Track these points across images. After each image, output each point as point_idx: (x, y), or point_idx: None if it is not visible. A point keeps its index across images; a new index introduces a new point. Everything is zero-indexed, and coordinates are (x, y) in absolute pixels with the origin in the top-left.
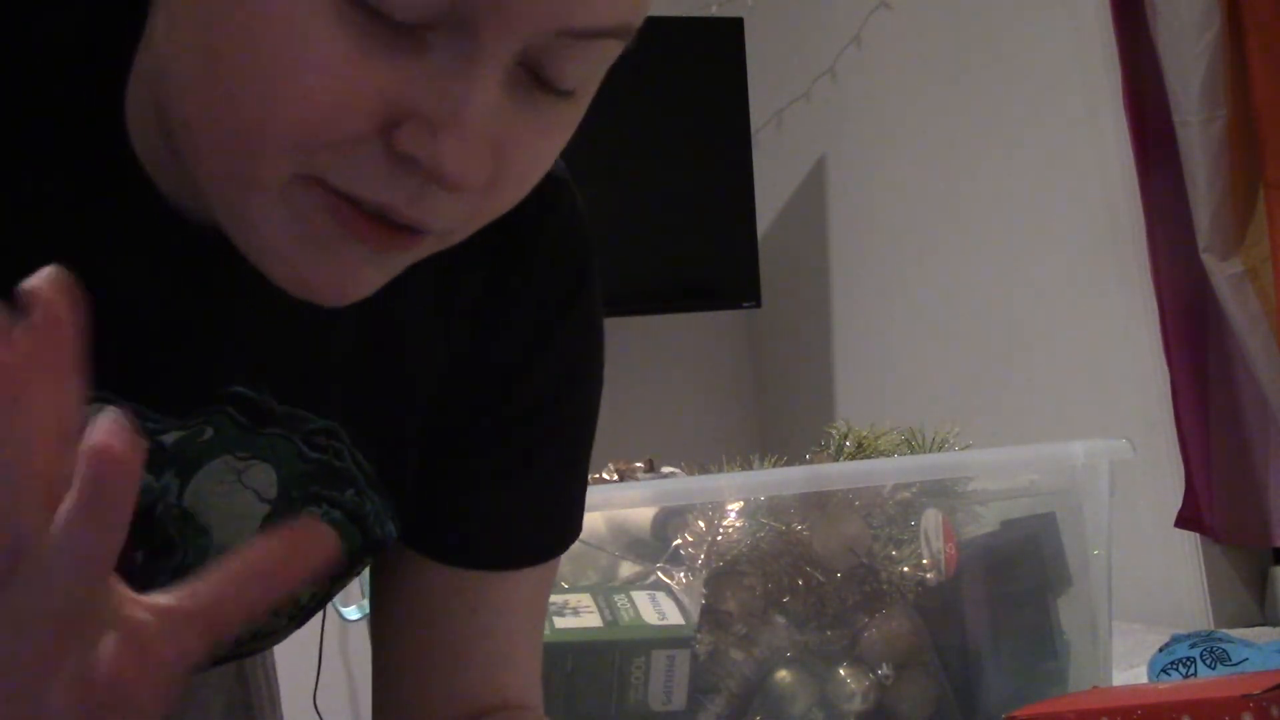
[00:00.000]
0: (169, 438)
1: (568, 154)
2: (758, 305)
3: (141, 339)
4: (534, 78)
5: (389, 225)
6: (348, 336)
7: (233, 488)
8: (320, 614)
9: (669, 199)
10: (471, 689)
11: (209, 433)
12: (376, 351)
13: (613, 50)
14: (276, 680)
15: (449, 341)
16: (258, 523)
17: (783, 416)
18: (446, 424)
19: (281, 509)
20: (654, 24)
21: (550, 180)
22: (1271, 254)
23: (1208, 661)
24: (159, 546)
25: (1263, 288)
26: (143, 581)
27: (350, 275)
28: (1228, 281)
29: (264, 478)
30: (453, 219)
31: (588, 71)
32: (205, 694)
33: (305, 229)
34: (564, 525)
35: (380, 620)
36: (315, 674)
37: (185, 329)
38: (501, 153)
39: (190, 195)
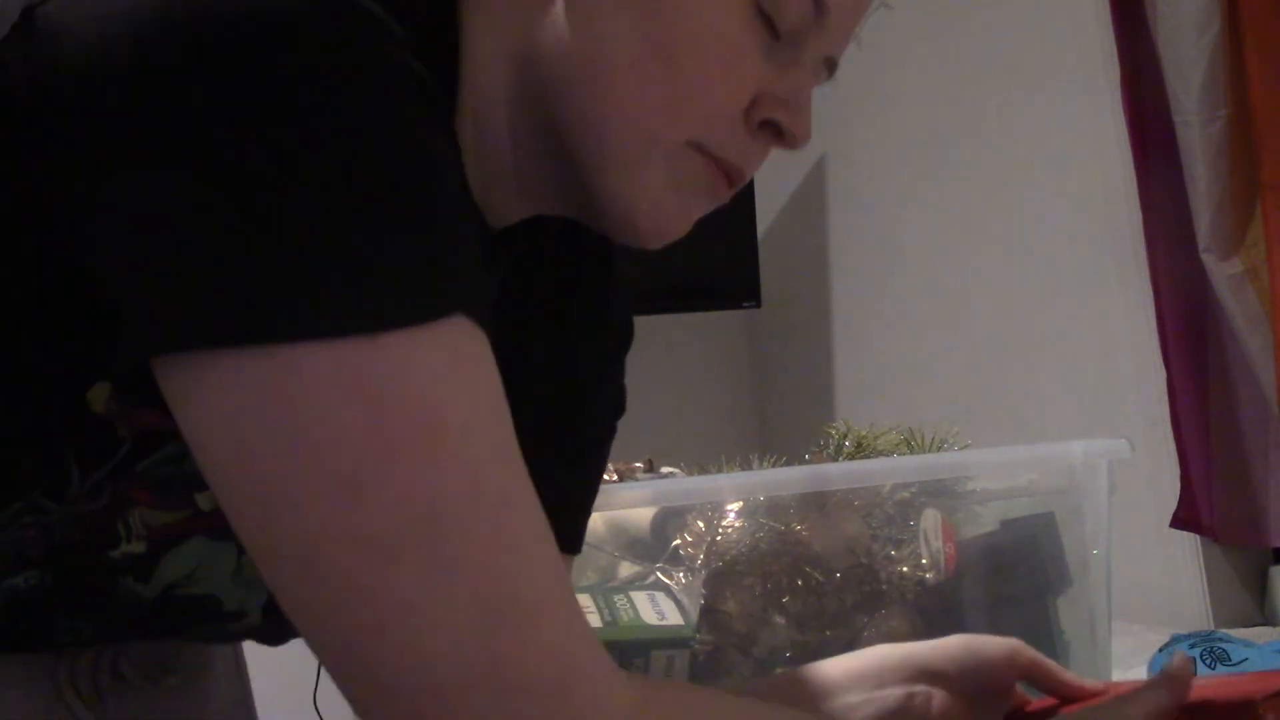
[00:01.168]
0: None
1: None
2: (758, 305)
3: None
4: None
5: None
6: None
7: None
8: None
9: None
10: None
11: None
12: (512, 323)
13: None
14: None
15: (570, 325)
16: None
17: (782, 416)
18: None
19: None
20: None
21: None
22: (1268, 255)
23: (1208, 661)
24: None
25: (1263, 288)
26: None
27: (689, 219)
28: (1227, 281)
29: None
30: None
31: None
32: (214, 687)
33: (683, 181)
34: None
35: None
36: (315, 674)
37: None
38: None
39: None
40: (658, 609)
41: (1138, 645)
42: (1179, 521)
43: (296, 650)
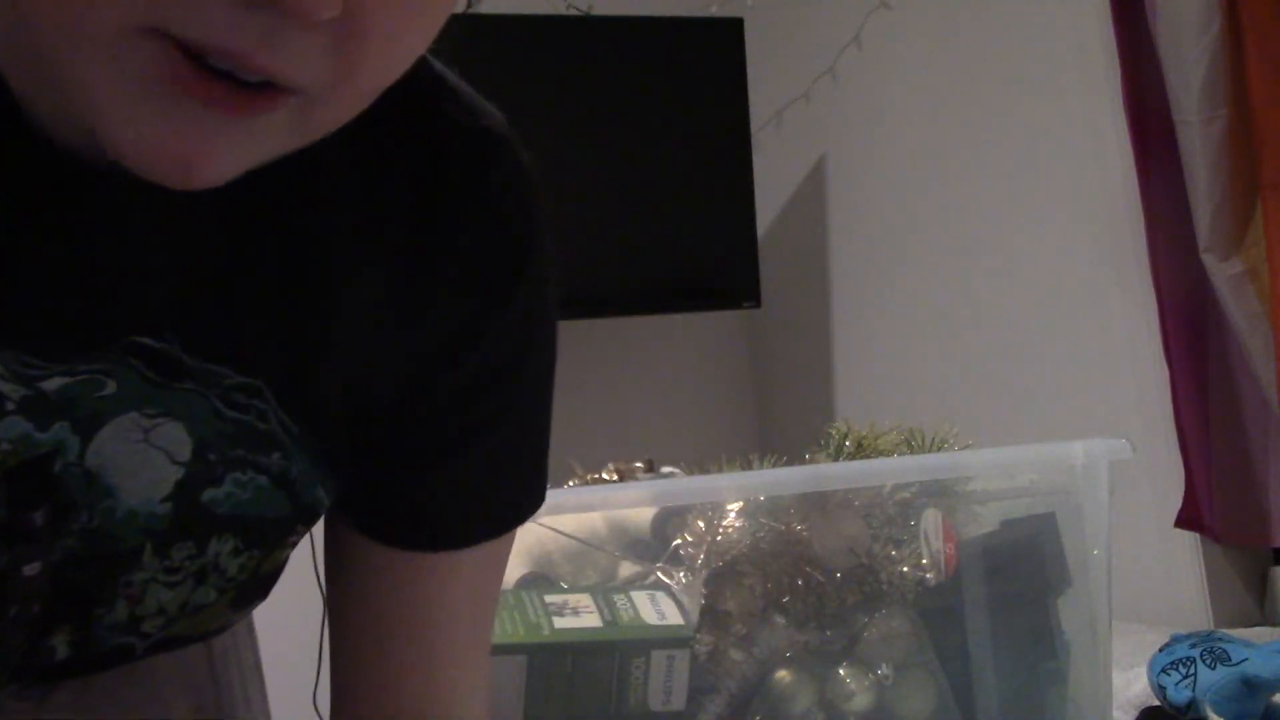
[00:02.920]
0: (51, 384)
1: (568, 152)
2: (758, 305)
3: (18, 281)
4: None
5: (239, 84)
6: (268, 285)
7: (139, 447)
8: (320, 614)
9: (669, 199)
10: (410, 701)
11: (110, 386)
12: (301, 304)
13: None
14: (260, 680)
15: (380, 301)
16: (170, 486)
17: (783, 416)
18: (380, 393)
19: (197, 472)
20: (654, 24)
21: (486, 136)
22: (1269, 255)
23: (1208, 661)
24: (61, 507)
25: (1263, 288)
26: (45, 544)
27: (198, 147)
28: (1228, 281)
29: (175, 437)
30: (314, 72)
31: None
32: (169, 691)
33: (139, 88)
34: (511, 505)
35: (331, 607)
36: (315, 674)
37: (74, 271)
38: (364, 6)
39: (75, 129)
40: (658, 609)
41: (1138, 645)
42: (1181, 521)
43: (297, 650)
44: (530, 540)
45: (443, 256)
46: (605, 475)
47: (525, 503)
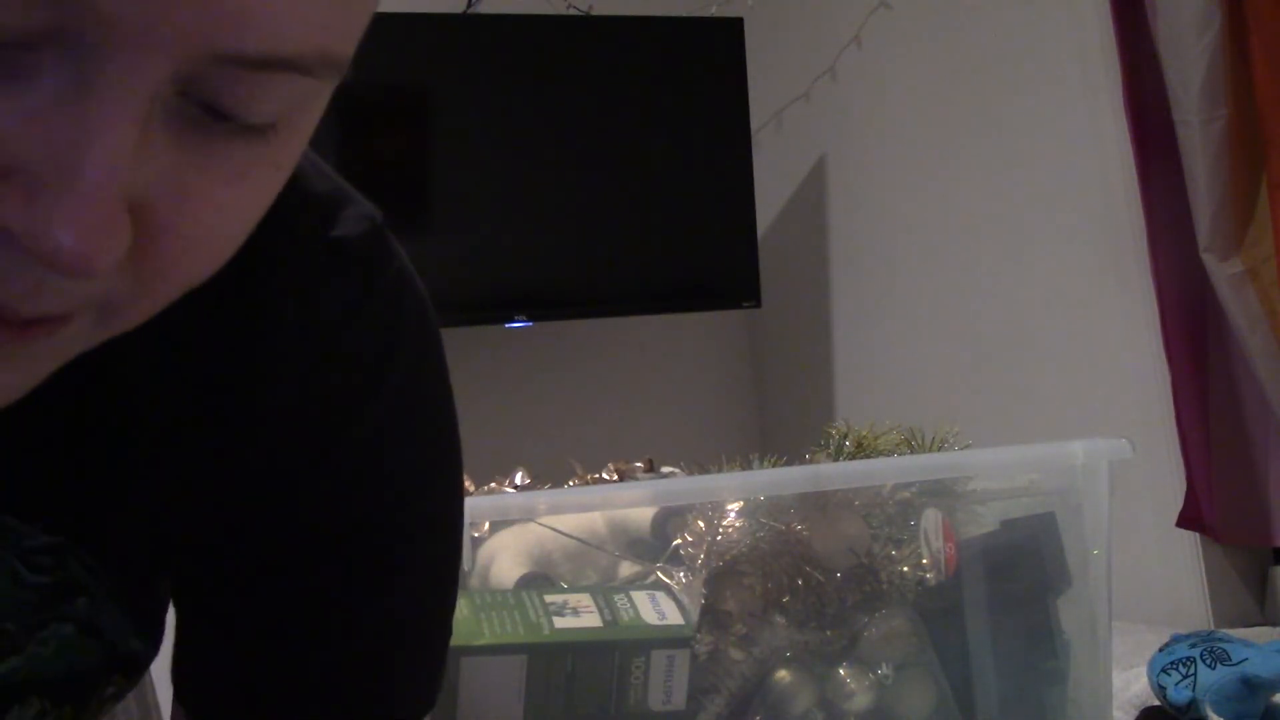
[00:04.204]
0: None
1: (568, 152)
2: (758, 305)
3: None
4: (205, 109)
5: (9, 319)
6: (63, 430)
7: None
8: None
9: (669, 199)
10: None
11: None
12: (101, 450)
13: (308, 86)
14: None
15: (193, 442)
16: None
17: (783, 416)
18: (205, 552)
19: None
20: (654, 24)
21: (334, 250)
22: (1277, 253)
23: (1208, 661)
24: None
25: (1263, 288)
26: None
27: None
28: (1228, 281)
29: None
30: (104, 293)
31: (281, 106)
32: None
33: None
34: (378, 703)
35: None
36: None
37: None
38: (156, 212)
39: None
40: (658, 609)
41: (1138, 645)
42: (1181, 521)
43: None
44: (530, 540)
45: (268, 393)
46: (605, 475)
47: (407, 703)
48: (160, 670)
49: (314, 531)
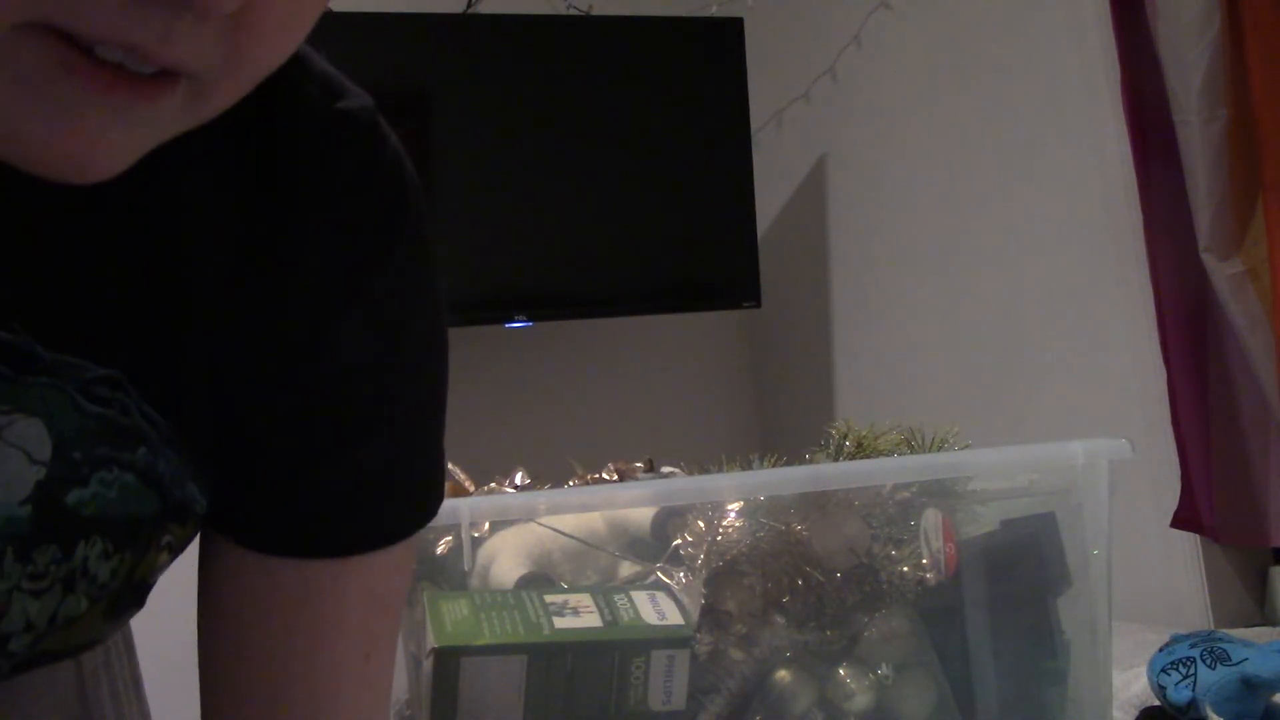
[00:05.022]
0: None
1: (568, 152)
2: (758, 305)
3: None
4: None
5: (131, 74)
6: (123, 270)
7: None
8: None
9: (669, 199)
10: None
11: None
12: (157, 291)
13: None
14: (141, 698)
15: (238, 288)
16: (30, 487)
17: (783, 416)
18: (245, 386)
19: (60, 472)
20: (654, 24)
21: (342, 118)
22: (1270, 255)
23: (1208, 661)
24: None
25: (1263, 288)
26: None
27: (93, 141)
28: (1228, 281)
29: (33, 434)
30: (207, 59)
31: None
32: (38, 710)
33: (32, 88)
34: (397, 513)
35: (201, 630)
36: None
37: None
38: None
39: None
40: (658, 609)
41: (1138, 645)
42: (1179, 521)
43: (188, 665)
44: (530, 540)
45: (297, 245)
46: (605, 475)
47: (415, 512)
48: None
49: (343, 371)
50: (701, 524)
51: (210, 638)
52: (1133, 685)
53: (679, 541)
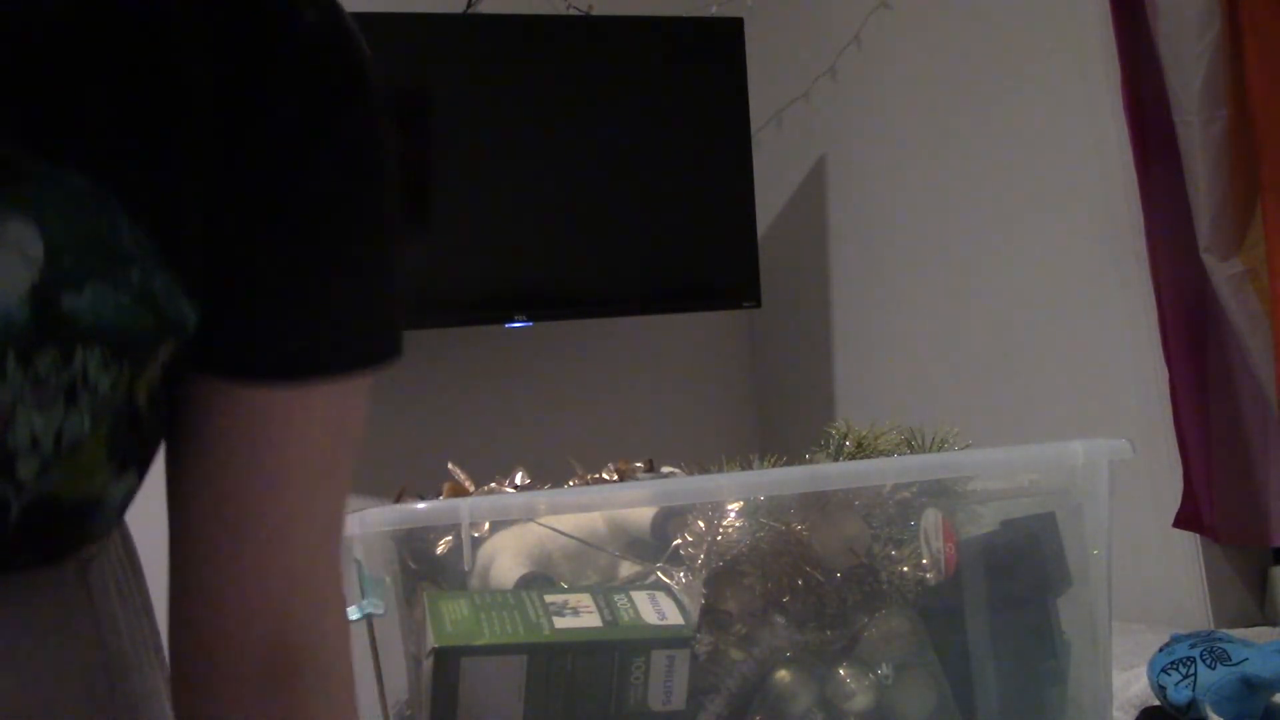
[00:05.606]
0: None
1: (568, 152)
2: (758, 305)
3: None
4: None
5: None
6: (111, 80)
7: None
8: None
9: (669, 199)
10: (252, 603)
11: None
12: (144, 101)
13: None
14: (152, 624)
15: (219, 105)
16: (26, 286)
17: (783, 416)
18: (222, 206)
19: (55, 275)
20: (654, 24)
21: None
22: (1269, 256)
23: (1208, 661)
24: None
25: (1263, 288)
26: None
27: None
28: (1228, 281)
29: (26, 234)
30: None
31: None
32: (41, 611)
33: None
34: (354, 340)
35: (170, 475)
36: None
37: None
38: None
39: None
40: (658, 609)
41: (1138, 645)
42: (1181, 521)
43: None
44: (530, 540)
45: (272, 80)
46: (605, 475)
47: (375, 347)
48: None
49: (312, 201)
50: (701, 524)
51: (179, 474)
52: (1133, 685)
53: (679, 541)
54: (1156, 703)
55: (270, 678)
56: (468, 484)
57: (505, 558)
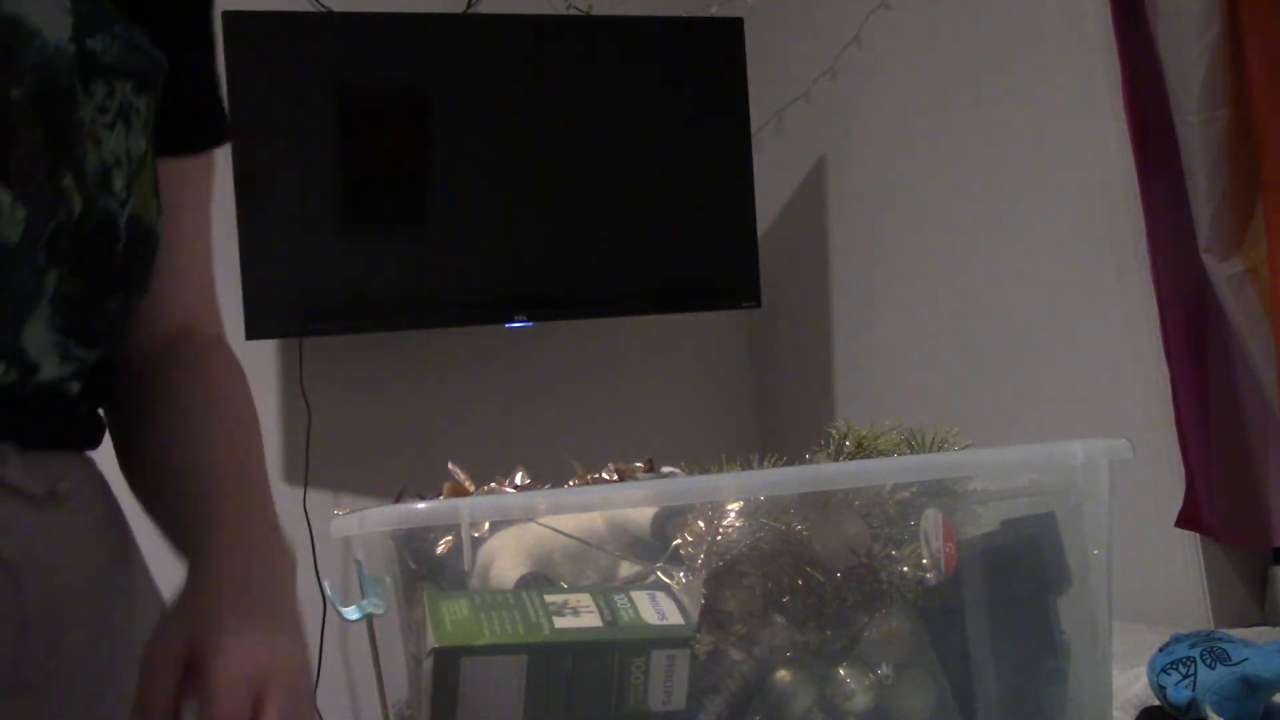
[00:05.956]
0: None
1: (568, 152)
2: (758, 305)
3: None
4: None
5: None
6: None
7: None
8: (320, 613)
9: (669, 199)
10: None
11: None
12: None
13: None
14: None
15: None
16: (69, 28)
17: (783, 416)
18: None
19: (81, 19)
20: (654, 24)
21: None
22: (1269, 256)
23: (1208, 661)
24: (5, 48)
25: (1263, 288)
26: (16, 74)
27: None
28: (1228, 281)
29: None
30: None
31: None
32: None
33: None
34: (219, 120)
35: None
36: (315, 673)
37: None
38: None
39: None
40: (658, 609)
41: (1138, 645)
42: (1181, 521)
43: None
44: (530, 540)
45: None
46: (605, 475)
47: (226, 122)
48: None
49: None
50: (701, 524)
51: None
52: (1133, 685)
53: (679, 541)
54: (1156, 702)
55: (186, 333)
56: (468, 484)
57: (505, 558)
